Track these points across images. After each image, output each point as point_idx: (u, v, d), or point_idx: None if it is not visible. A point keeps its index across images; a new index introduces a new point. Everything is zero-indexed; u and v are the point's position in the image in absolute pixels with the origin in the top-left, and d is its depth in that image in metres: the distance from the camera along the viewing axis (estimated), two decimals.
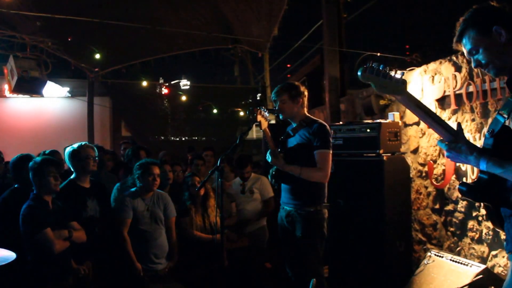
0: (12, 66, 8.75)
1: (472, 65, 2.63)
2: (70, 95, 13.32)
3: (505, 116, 2.44)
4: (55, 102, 13.10)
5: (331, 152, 4.53)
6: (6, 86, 9.37)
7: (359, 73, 2.43)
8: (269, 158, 4.56)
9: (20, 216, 4.30)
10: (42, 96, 9.92)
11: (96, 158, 5.09)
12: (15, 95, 10.00)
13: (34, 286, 4.40)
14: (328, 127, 4.61)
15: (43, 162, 4.42)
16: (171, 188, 6.59)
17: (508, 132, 2.45)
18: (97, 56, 9.93)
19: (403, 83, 2.41)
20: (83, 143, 5.10)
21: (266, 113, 4.57)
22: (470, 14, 2.57)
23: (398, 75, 2.41)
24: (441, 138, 2.49)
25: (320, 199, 4.62)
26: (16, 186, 4.89)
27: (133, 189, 5.36)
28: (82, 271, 4.68)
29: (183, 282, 5.59)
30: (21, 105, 12.57)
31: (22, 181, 4.81)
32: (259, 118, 4.44)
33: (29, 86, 8.85)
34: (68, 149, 5.03)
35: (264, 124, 4.47)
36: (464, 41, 2.59)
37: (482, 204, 4.54)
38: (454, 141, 2.44)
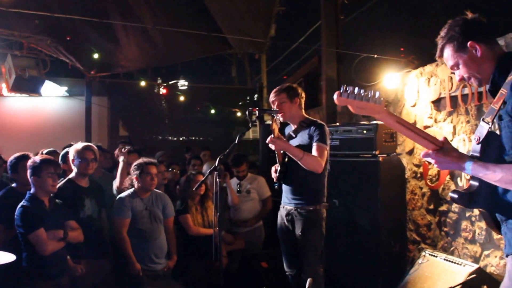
0: (10, 65, 8.75)
1: (456, 79, 2.73)
2: (68, 94, 13.31)
3: (489, 122, 2.50)
4: (53, 101, 13.06)
5: (328, 148, 4.60)
6: (3, 85, 9.34)
7: (334, 97, 2.45)
8: (271, 144, 4.48)
9: (15, 216, 4.33)
10: (40, 95, 9.91)
11: (94, 160, 5.14)
12: (12, 94, 10.00)
13: (27, 283, 4.41)
14: (326, 126, 4.69)
15: (42, 162, 4.44)
16: (168, 188, 6.64)
17: (494, 138, 2.52)
18: (96, 56, 9.94)
19: (380, 103, 2.44)
20: (84, 144, 5.16)
21: (279, 120, 4.61)
22: (446, 31, 2.65)
23: (375, 96, 2.44)
24: (424, 151, 2.54)
25: (320, 198, 4.70)
26: (12, 185, 4.94)
27: (131, 189, 5.38)
28: (80, 270, 4.73)
29: (180, 281, 5.63)
30: (18, 104, 12.53)
31: (19, 180, 4.87)
32: (274, 126, 4.46)
33: (27, 85, 8.84)
34: (71, 148, 5.08)
35: (277, 131, 4.50)
36: (445, 57, 2.69)
37: None
38: (439, 149, 2.50)
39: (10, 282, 4.36)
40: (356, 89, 2.42)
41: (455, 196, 2.68)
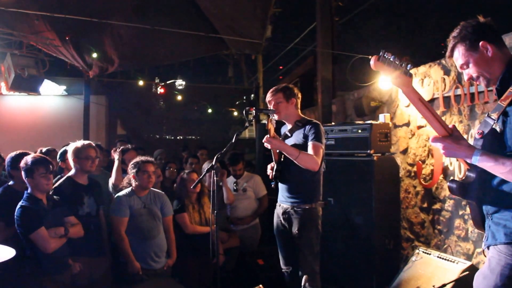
0: (9, 64, 8.76)
1: (464, 78, 2.78)
2: (66, 93, 13.32)
3: (494, 118, 2.56)
4: (52, 99, 13.04)
5: (323, 147, 4.64)
6: (3, 84, 9.33)
7: (371, 61, 2.49)
8: (267, 143, 4.52)
9: (15, 217, 4.36)
10: (39, 93, 9.92)
11: (97, 157, 5.17)
12: (11, 92, 10.01)
13: (31, 281, 4.45)
14: (321, 126, 4.74)
15: (32, 163, 4.45)
16: (164, 185, 6.69)
17: (495, 134, 2.58)
18: (94, 55, 9.99)
19: (410, 76, 2.49)
20: (86, 142, 5.18)
21: (275, 120, 4.68)
22: (458, 31, 2.72)
23: (407, 68, 2.49)
24: (434, 136, 2.60)
25: (316, 197, 4.74)
26: (10, 183, 4.95)
27: (128, 188, 5.40)
28: (78, 267, 4.74)
29: (177, 279, 5.67)
30: (17, 103, 12.51)
31: (18, 178, 4.86)
32: (269, 126, 4.51)
33: (26, 83, 8.84)
34: (70, 146, 5.12)
35: (272, 132, 4.56)
36: (455, 56, 2.76)
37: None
38: (448, 136, 2.55)
39: (15, 281, 4.41)
40: (393, 57, 2.46)
41: (453, 185, 2.78)
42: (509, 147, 2.54)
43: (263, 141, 4.53)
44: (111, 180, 5.90)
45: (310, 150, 4.56)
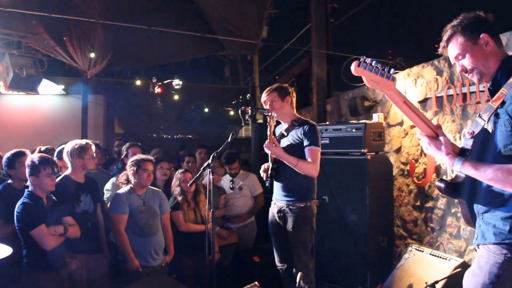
0: (7, 64, 8.77)
1: (457, 70, 2.76)
2: (64, 93, 13.35)
3: (485, 119, 2.58)
4: (50, 99, 13.05)
5: (320, 150, 4.70)
6: (1, 83, 9.34)
7: (352, 67, 2.50)
8: (267, 149, 4.61)
9: (15, 213, 4.38)
10: (37, 93, 9.94)
11: (95, 156, 5.23)
12: (10, 91, 10.02)
13: (28, 278, 4.48)
14: (317, 127, 4.80)
15: (40, 162, 4.47)
16: (169, 185, 6.74)
17: (486, 134, 2.61)
18: (92, 55, 10.01)
19: (393, 79, 2.51)
20: (89, 141, 5.22)
21: (275, 117, 4.75)
22: (459, 21, 2.69)
23: (389, 72, 2.49)
24: (420, 132, 2.65)
25: (311, 195, 4.78)
26: (9, 182, 5.00)
27: (127, 186, 5.41)
28: (75, 265, 4.77)
29: (173, 275, 5.71)
30: (16, 102, 12.48)
31: (16, 176, 4.94)
32: (270, 123, 4.57)
33: (24, 83, 8.83)
34: (69, 145, 5.16)
35: (273, 128, 4.63)
36: (451, 46, 2.72)
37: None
38: (434, 138, 2.60)
39: (9, 276, 4.46)
40: (374, 62, 2.48)
41: (441, 185, 2.82)
42: (499, 148, 2.56)
43: (264, 146, 4.60)
44: (111, 183, 5.95)
45: (307, 156, 4.62)
